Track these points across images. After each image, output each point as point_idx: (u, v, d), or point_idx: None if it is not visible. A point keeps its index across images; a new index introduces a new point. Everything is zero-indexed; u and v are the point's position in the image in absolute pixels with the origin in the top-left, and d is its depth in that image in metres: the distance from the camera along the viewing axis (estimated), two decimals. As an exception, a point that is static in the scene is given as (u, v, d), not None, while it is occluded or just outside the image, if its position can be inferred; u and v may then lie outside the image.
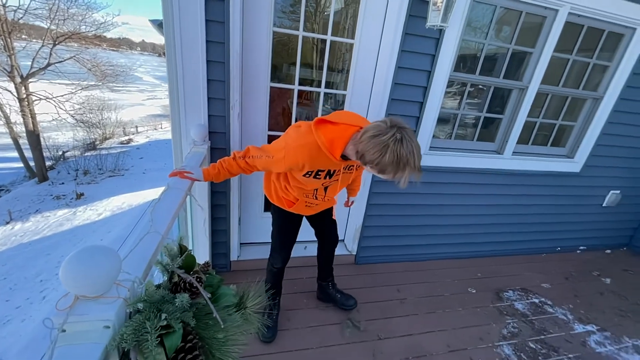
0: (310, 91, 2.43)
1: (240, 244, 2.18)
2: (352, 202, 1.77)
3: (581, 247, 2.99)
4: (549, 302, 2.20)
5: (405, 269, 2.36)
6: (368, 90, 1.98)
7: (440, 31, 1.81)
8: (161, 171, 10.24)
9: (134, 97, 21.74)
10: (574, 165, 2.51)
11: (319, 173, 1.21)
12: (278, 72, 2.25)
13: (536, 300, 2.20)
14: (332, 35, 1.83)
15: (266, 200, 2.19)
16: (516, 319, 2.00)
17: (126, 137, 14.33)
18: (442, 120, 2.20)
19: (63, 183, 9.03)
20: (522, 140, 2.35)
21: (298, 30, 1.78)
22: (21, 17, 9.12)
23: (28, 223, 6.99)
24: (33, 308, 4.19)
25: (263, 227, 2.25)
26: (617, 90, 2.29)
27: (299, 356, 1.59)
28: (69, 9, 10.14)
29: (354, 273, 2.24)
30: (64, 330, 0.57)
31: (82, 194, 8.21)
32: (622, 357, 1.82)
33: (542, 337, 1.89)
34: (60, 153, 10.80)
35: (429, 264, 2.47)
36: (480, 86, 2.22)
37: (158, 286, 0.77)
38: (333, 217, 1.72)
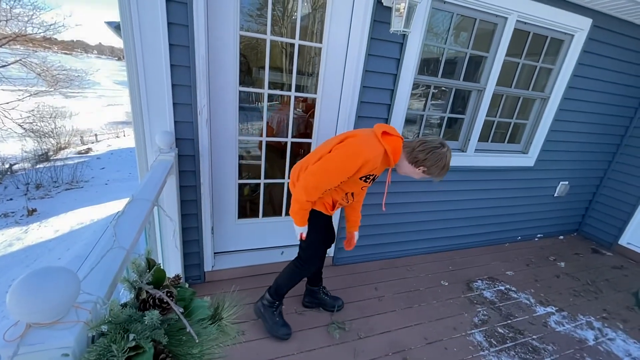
0: (281, 95, 2.42)
1: (215, 253, 2.11)
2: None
3: (538, 235, 3.24)
4: (514, 289, 2.36)
5: (381, 267, 2.42)
6: (338, 94, 2.01)
7: (404, 36, 1.89)
8: (125, 181, 9.63)
9: (92, 104, 20.31)
10: (528, 159, 2.73)
11: (370, 177, 1.40)
12: (247, 76, 2.21)
13: (502, 288, 2.35)
14: (300, 39, 1.84)
15: (240, 206, 2.14)
16: (485, 307, 2.12)
17: (84, 147, 13.31)
18: (409, 121, 2.29)
19: (11, 199, 8.18)
20: (483, 137, 2.51)
21: (265, 34, 1.77)
22: (-47, 17, 8.21)
23: (-31, 246, 6.24)
24: (-22, 341, 3.74)
25: (239, 235, 2.20)
26: (561, 90, 2.53)
27: (280, 363, 1.57)
28: (12, 8, 9.28)
29: (333, 274, 2.25)
30: (15, 364, 0.52)
31: (34, 210, 7.49)
32: (578, 334, 1.99)
33: (509, 321, 2.02)
34: (6, 166, 9.78)
35: (404, 260, 2.55)
36: (443, 88, 2.34)
37: (124, 305, 0.72)
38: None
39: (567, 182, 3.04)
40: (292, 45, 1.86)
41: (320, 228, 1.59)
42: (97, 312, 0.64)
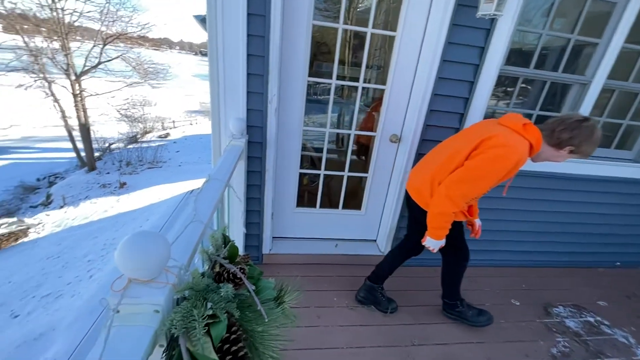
0: (344, 87, 2.38)
1: (273, 237, 2.20)
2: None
3: (645, 264, 2.66)
4: (607, 322, 1.98)
5: (435, 275, 2.23)
6: (409, 85, 1.89)
7: (492, 21, 1.67)
8: (195, 164, 10.72)
9: (172, 94, 22.93)
10: (642, 171, 2.23)
11: None
12: (311, 67, 2.23)
13: (591, 319, 1.99)
14: (372, 28, 1.76)
15: (298, 195, 2.18)
16: (567, 338, 1.82)
17: (164, 132, 15.16)
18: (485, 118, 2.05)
19: (109, 172, 9.77)
20: (580, 141, 2.12)
21: (338, 22, 1.73)
22: (76, 20, 9.97)
23: (78, 208, 7.65)
24: (81, 285, 4.58)
25: (295, 223, 2.25)
26: (701, 86, 2.00)
27: (327, 355, 1.56)
28: (118, 11, 10.90)
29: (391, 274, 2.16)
30: (118, 311, 0.58)
31: (124, 184, 8.82)
32: (697, 392, 1.58)
33: (598, 360, 1.70)
34: (106, 145, 11.70)
35: (469, 271, 2.29)
36: (523, 85, 2.03)
37: (202, 275, 0.77)
38: None
39: (693, 203, 2.41)
40: (357, 36, 1.79)
41: (458, 231, 1.59)
42: (181, 277, 0.69)
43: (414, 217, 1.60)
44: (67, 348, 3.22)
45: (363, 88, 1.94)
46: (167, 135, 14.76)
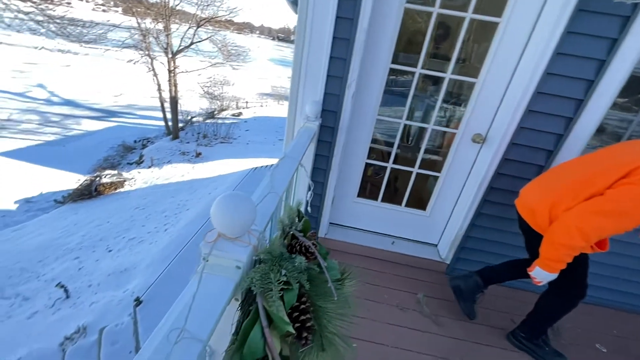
0: (419, 80, 2.21)
1: (330, 223, 2.22)
2: None
3: None
4: None
5: (509, 296, 1.99)
6: (506, 79, 1.67)
7: (635, 7, 1.36)
8: (261, 144, 11.42)
9: (248, 76, 24.50)
10: None
11: None
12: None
13: None
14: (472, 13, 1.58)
15: (361, 186, 2.15)
16: (670, 406, 1.48)
17: (237, 111, 16.37)
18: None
19: (188, 142, 11.01)
20: None
21: (433, 6, 1.60)
22: (178, 4, 11.22)
23: (162, 170, 8.84)
24: (158, 236, 5.33)
25: (354, 212, 2.23)
26: None
27: (371, 348, 1.54)
28: (211, -4, 11.91)
29: (443, 283, 2.02)
30: (207, 260, 0.64)
31: (200, 154, 9.86)
32: None
33: None
34: (189, 118, 13.17)
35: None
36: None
37: (277, 243, 0.80)
38: None
39: None
40: (441, 26, 1.64)
41: (583, 261, 1.35)
42: (260, 241, 0.73)
43: (527, 238, 1.42)
44: (143, 285, 3.81)
45: (444, 81, 1.79)
46: (240, 114, 15.92)
